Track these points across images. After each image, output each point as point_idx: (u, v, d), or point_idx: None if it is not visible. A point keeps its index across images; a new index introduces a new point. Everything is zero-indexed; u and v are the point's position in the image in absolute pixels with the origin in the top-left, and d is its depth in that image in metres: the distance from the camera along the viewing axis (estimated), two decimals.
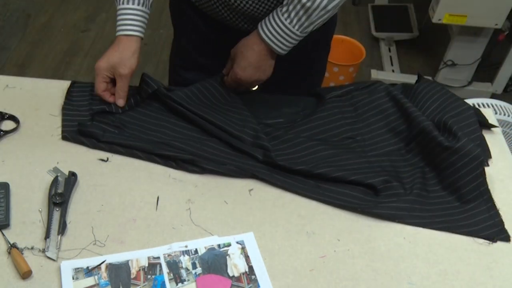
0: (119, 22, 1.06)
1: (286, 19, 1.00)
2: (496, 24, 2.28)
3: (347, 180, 1.00)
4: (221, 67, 1.17)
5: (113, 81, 1.08)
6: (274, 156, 1.01)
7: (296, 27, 1.00)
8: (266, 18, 1.03)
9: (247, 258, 0.88)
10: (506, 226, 0.96)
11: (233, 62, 1.09)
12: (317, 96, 1.19)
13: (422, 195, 1.00)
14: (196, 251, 0.88)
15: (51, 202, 0.92)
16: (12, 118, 1.07)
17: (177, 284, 0.84)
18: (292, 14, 0.99)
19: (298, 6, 0.98)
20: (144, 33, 1.08)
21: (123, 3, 1.05)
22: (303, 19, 0.99)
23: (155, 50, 2.76)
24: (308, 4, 0.97)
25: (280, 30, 1.01)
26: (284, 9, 1.00)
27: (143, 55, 2.91)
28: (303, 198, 0.99)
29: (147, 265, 0.86)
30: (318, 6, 0.98)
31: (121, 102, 1.08)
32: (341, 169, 1.01)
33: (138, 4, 1.05)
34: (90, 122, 1.06)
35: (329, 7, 0.98)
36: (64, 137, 1.04)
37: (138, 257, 0.87)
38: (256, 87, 1.14)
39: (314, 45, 1.22)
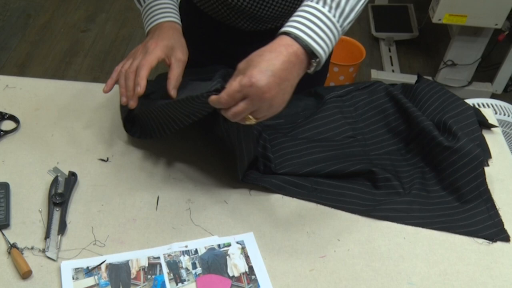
0: (160, 10, 0.95)
1: (323, 6, 0.80)
2: (496, 24, 2.29)
3: (348, 171, 1.00)
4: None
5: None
6: (273, 167, 1.00)
7: (337, 15, 0.80)
8: (294, 15, 0.81)
9: (247, 258, 0.89)
10: (506, 226, 0.97)
11: (245, 70, 0.78)
12: (317, 96, 1.19)
13: (421, 195, 1.00)
14: (196, 251, 0.88)
15: (51, 202, 0.92)
16: (12, 118, 1.07)
17: (177, 284, 0.84)
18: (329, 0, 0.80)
19: None
20: None
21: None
22: (342, 3, 0.81)
23: None
24: None
25: (319, 21, 0.79)
26: None
27: None
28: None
29: (147, 265, 0.86)
30: None
31: (174, 93, 0.90)
32: (342, 161, 1.01)
33: None
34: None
35: None
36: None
37: (138, 257, 0.87)
38: (254, 120, 0.81)
39: None
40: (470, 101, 1.82)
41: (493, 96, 2.63)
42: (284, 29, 0.79)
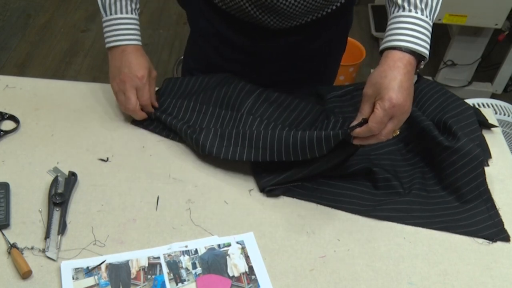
0: (123, 31, 1.04)
1: (416, 12, 0.88)
2: (496, 24, 2.29)
3: (348, 171, 1.00)
4: (240, 68, 1.16)
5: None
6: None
7: (428, 13, 0.89)
8: (392, 28, 0.90)
9: (247, 258, 0.89)
10: (506, 226, 0.97)
11: (376, 95, 0.87)
12: (317, 96, 1.19)
13: (421, 195, 1.00)
14: (196, 251, 0.88)
15: (51, 202, 0.92)
16: (12, 118, 1.07)
17: (177, 284, 0.84)
18: (418, 1, 0.89)
19: None
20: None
21: (120, 12, 1.03)
22: (429, 0, 0.89)
23: (155, 50, 2.76)
24: None
25: (417, 27, 0.88)
26: (405, 4, 0.89)
27: None
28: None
29: (147, 265, 0.86)
30: None
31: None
32: (344, 161, 1.02)
33: (132, 13, 1.05)
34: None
35: None
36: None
37: (138, 257, 0.87)
38: (398, 131, 0.90)
39: (330, 43, 1.22)
40: (470, 101, 1.82)
41: (493, 96, 2.63)
42: (390, 44, 0.88)
